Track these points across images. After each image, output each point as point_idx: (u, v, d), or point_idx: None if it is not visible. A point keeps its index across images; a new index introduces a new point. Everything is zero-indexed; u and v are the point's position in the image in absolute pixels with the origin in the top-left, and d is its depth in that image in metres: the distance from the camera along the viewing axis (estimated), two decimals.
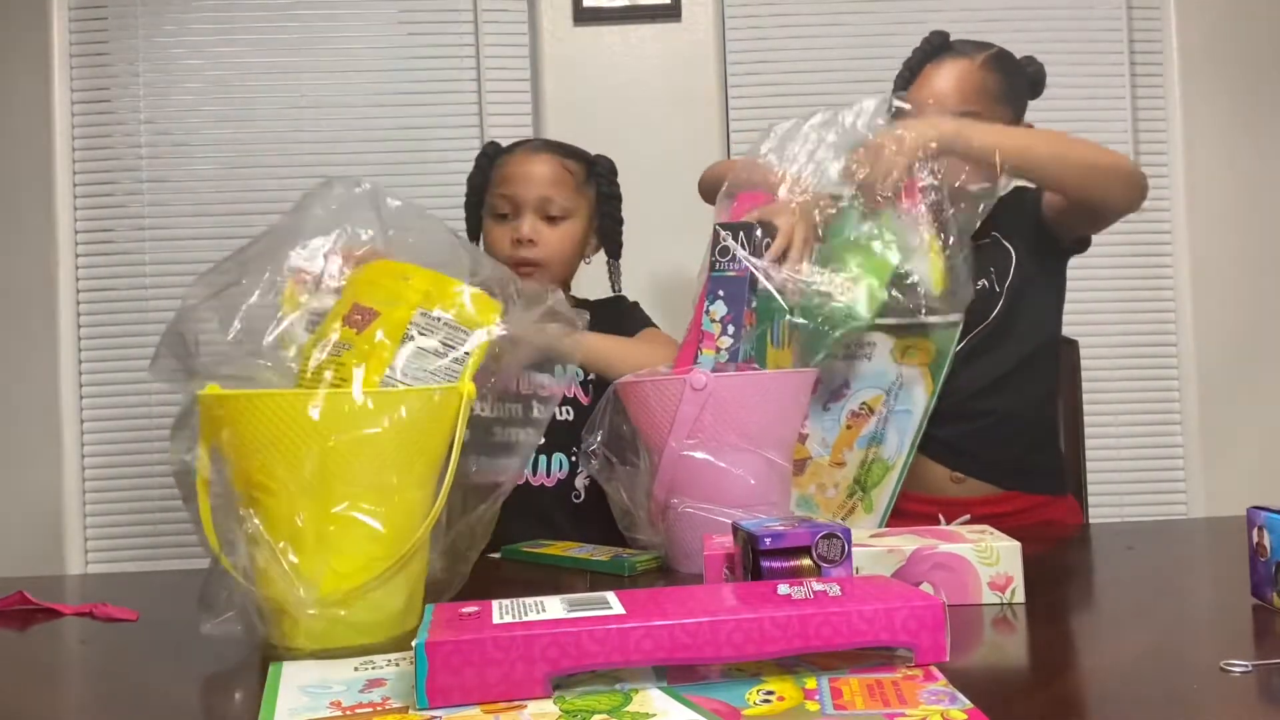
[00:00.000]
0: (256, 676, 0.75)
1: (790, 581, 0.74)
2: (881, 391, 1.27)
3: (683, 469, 1.07)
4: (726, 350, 1.15)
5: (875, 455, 1.24)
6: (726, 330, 1.16)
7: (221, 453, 0.86)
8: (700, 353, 1.16)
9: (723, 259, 1.20)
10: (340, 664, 0.77)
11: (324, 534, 0.82)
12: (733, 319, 1.16)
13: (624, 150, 1.68)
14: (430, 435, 0.88)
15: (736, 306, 1.17)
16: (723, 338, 1.16)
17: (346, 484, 0.83)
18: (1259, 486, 2.17)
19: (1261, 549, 0.83)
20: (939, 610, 0.69)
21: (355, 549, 0.83)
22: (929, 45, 1.47)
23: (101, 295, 2.18)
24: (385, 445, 0.84)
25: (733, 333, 1.16)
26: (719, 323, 1.17)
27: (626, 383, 1.14)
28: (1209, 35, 2.22)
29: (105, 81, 2.19)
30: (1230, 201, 2.23)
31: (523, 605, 0.71)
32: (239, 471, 0.84)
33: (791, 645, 0.67)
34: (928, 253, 1.21)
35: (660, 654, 0.66)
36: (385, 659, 0.78)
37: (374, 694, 0.69)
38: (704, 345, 1.16)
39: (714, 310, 1.17)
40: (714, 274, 1.19)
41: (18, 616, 1.00)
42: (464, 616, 0.70)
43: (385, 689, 0.70)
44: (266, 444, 0.82)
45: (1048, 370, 1.49)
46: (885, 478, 1.22)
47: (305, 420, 0.82)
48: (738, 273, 1.18)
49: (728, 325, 1.16)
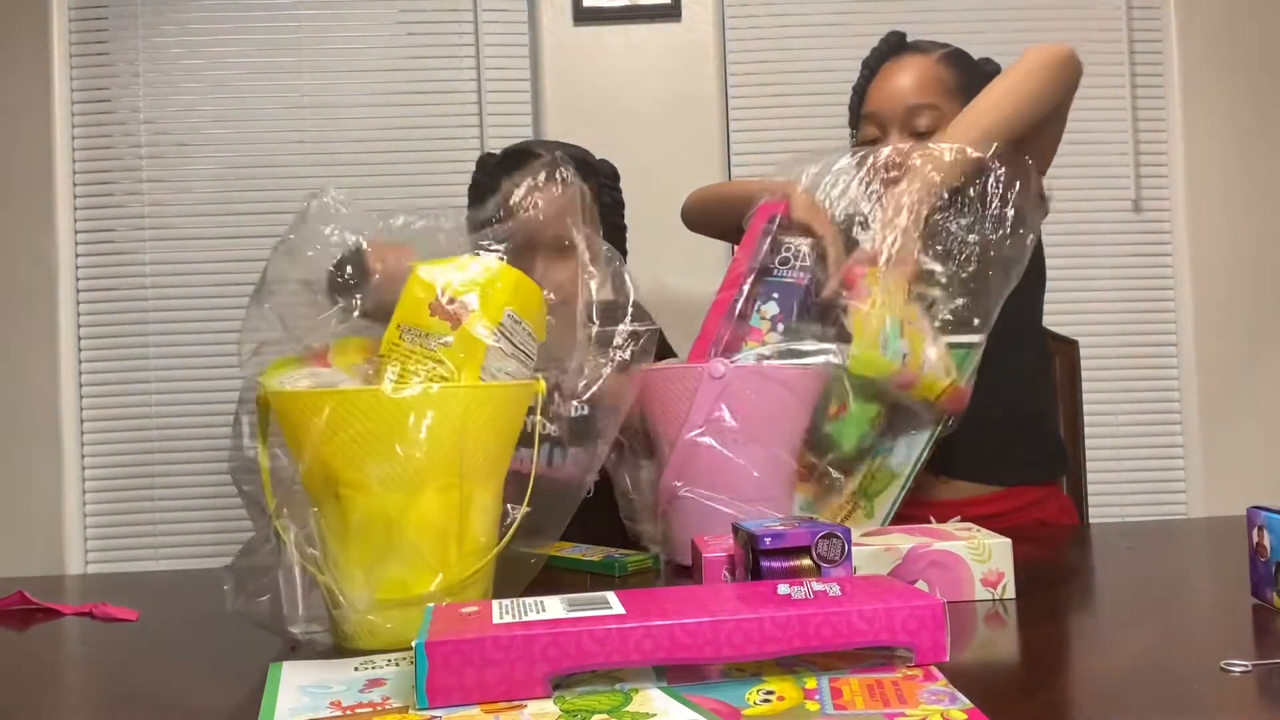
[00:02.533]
0: (256, 677, 0.75)
1: (790, 581, 0.74)
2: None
3: (695, 458, 1.08)
4: (773, 347, 1.17)
5: (882, 464, 1.24)
6: (776, 328, 1.19)
7: (292, 448, 0.85)
8: (745, 345, 1.17)
9: (782, 266, 1.22)
10: (340, 664, 0.77)
11: (402, 533, 0.82)
12: (783, 319, 1.19)
13: (624, 150, 1.68)
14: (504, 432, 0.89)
15: (788, 309, 1.20)
16: (771, 334, 1.18)
17: (435, 475, 0.83)
18: (1259, 486, 2.17)
19: (1261, 549, 0.83)
20: (939, 610, 0.69)
21: (432, 549, 0.83)
22: (886, 45, 1.50)
23: (101, 295, 2.19)
24: (478, 437, 0.85)
25: (781, 331, 1.18)
26: (769, 320, 1.19)
27: (643, 371, 1.14)
28: (1209, 35, 2.23)
29: (105, 81, 2.19)
30: (1230, 201, 2.23)
31: (522, 605, 0.71)
32: (317, 466, 0.83)
33: (791, 645, 0.67)
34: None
35: (660, 654, 0.66)
36: (385, 658, 0.78)
37: (374, 694, 0.69)
38: (749, 340, 1.18)
39: (765, 309, 1.20)
40: (770, 278, 1.22)
41: (18, 616, 1.00)
42: (464, 616, 0.70)
43: (385, 689, 0.70)
44: (352, 439, 0.81)
45: (1022, 356, 1.46)
46: (889, 487, 1.22)
47: (396, 412, 0.81)
48: (796, 280, 1.21)
49: (777, 324, 1.19)
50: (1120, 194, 2.23)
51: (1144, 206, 2.24)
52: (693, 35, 2.20)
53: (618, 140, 1.79)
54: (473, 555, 0.85)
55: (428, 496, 0.83)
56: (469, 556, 0.85)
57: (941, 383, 1.16)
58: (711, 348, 1.18)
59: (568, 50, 2.19)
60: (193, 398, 2.16)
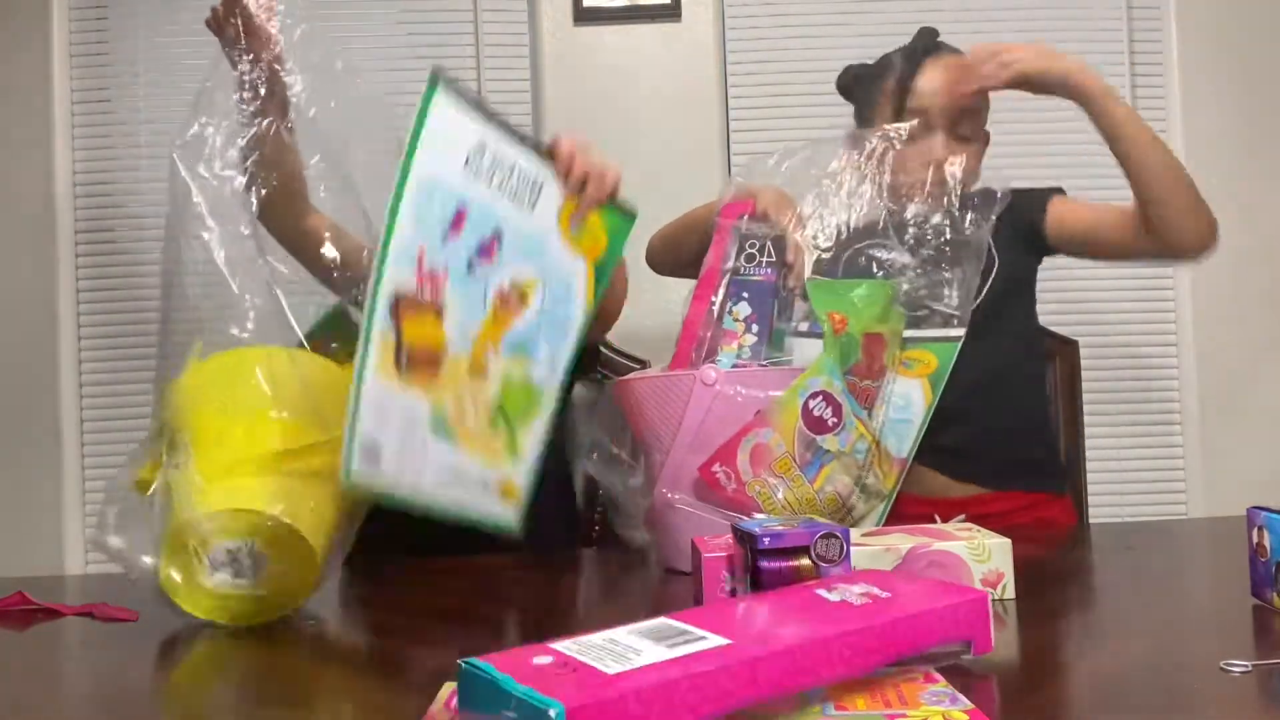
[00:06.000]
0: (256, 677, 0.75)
1: (825, 586, 0.72)
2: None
3: (689, 466, 1.07)
4: (749, 348, 1.17)
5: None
6: (751, 329, 1.18)
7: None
8: (721, 350, 1.17)
9: (749, 265, 1.21)
10: None
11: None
12: (757, 319, 1.18)
13: (624, 150, 1.67)
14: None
15: (762, 308, 1.19)
16: (746, 335, 1.18)
17: None
18: (1259, 486, 2.17)
19: (1261, 549, 0.83)
20: (984, 602, 0.69)
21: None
22: (925, 41, 1.48)
23: (101, 295, 2.18)
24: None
25: (756, 332, 1.18)
26: (743, 322, 1.18)
27: (629, 380, 1.14)
28: (1209, 35, 2.23)
29: (105, 81, 2.19)
30: (1230, 201, 2.22)
31: (602, 648, 0.58)
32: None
33: (887, 655, 0.64)
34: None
35: (788, 682, 0.59)
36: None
37: None
38: (724, 343, 1.17)
39: (737, 310, 1.19)
40: (740, 277, 1.21)
41: (18, 616, 1.00)
42: (550, 669, 0.55)
43: None
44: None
45: (1035, 368, 1.49)
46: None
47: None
48: (764, 277, 1.20)
49: (752, 324, 1.18)
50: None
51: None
52: (693, 35, 2.20)
53: (617, 140, 1.78)
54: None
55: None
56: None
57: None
58: (694, 353, 1.18)
59: (568, 50, 2.19)
60: None
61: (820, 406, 1.07)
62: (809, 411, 1.06)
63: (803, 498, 1.06)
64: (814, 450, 1.06)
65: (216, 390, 0.97)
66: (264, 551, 0.88)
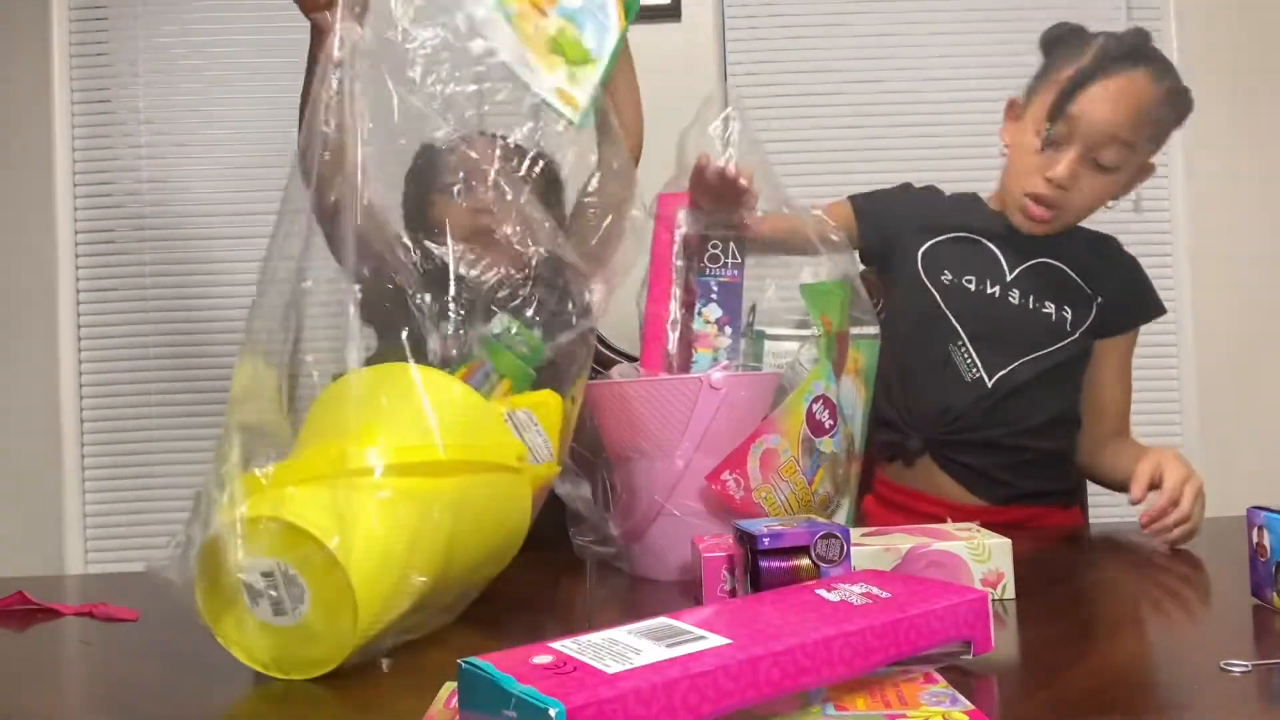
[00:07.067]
0: (255, 677, 0.75)
1: (825, 586, 0.72)
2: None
3: (693, 472, 1.05)
4: (725, 350, 1.16)
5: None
6: (723, 330, 1.17)
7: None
8: (696, 352, 1.16)
9: (714, 265, 1.20)
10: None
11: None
12: (729, 320, 1.17)
13: None
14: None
15: (731, 309, 1.18)
16: (720, 337, 1.16)
17: None
18: (1259, 486, 2.17)
19: (1261, 549, 0.83)
20: (984, 602, 0.69)
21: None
22: (1124, 47, 1.29)
23: (101, 295, 2.19)
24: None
25: (730, 334, 1.17)
26: (714, 324, 1.17)
27: (625, 383, 1.11)
28: (1209, 35, 2.22)
29: (105, 81, 2.19)
30: (1230, 201, 2.23)
31: (602, 647, 0.58)
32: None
33: (888, 655, 0.64)
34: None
35: (789, 682, 0.59)
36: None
37: None
38: (698, 345, 1.16)
39: (707, 312, 1.18)
40: (703, 278, 1.20)
41: (18, 616, 1.00)
42: (550, 668, 0.55)
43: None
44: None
45: (1077, 416, 1.45)
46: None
47: None
48: (730, 278, 1.19)
49: (724, 326, 1.17)
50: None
51: (1144, 206, 2.24)
52: (693, 35, 2.20)
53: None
54: None
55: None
56: None
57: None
58: (665, 358, 1.16)
59: None
60: (192, 398, 2.16)
61: (821, 410, 1.07)
62: (812, 415, 1.07)
63: (803, 500, 1.06)
64: (812, 453, 1.06)
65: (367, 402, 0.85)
66: (298, 575, 0.73)
